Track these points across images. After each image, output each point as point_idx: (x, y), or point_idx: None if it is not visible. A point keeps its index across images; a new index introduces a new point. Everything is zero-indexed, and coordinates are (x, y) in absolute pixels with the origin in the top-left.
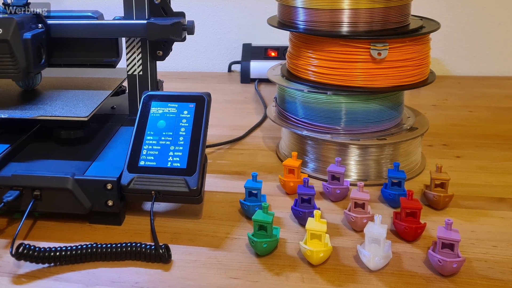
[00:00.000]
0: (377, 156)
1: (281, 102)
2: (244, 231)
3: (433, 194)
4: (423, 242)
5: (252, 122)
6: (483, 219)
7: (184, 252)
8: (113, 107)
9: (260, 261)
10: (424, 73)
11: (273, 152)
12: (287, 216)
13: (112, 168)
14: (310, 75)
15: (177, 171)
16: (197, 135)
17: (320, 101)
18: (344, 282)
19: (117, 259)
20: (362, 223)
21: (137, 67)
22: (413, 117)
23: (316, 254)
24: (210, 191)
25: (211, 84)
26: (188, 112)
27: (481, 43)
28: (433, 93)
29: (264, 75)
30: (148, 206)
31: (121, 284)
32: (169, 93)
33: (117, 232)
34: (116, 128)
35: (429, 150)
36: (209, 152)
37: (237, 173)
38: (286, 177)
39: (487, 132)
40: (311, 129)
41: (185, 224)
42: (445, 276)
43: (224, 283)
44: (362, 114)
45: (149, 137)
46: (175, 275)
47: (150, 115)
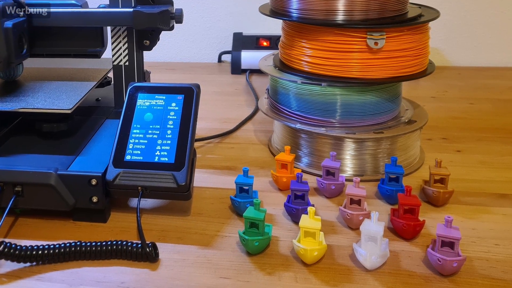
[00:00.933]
0: (373, 150)
1: (274, 94)
2: (234, 228)
3: (433, 190)
4: (422, 240)
5: (243, 115)
6: (485, 216)
7: (172, 250)
8: (98, 99)
9: (251, 260)
10: (423, 63)
11: (265, 146)
12: (279, 213)
13: (96, 163)
14: (303, 66)
15: (165, 166)
16: (186, 128)
17: (314, 93)
18: (339, 282)
19: (102, 258)
20: (358, 220)
21: (123, 57)
22: (412, 109)
23: (310, 252)
24: (199, 187)
25: (200, 75)
26: (176, 104)
27: (483, 32)
28: (432, 85)
29: (255, 65)
30: (134, 202)
31: (106, 284)
32: (156, 84)
33: (102, 230)
34: (101, 121)
35: (428, 144)
36: (198, 146)
37: (227, 168)
38: (279, 172)
39: (488, 125)
40: (305, 122)
41: (173, 221)
42: (445, 276)
43: (214, 283)
44: (358, 106)
45: (135, 131)
46: (163, 275)
47: (137, 108)
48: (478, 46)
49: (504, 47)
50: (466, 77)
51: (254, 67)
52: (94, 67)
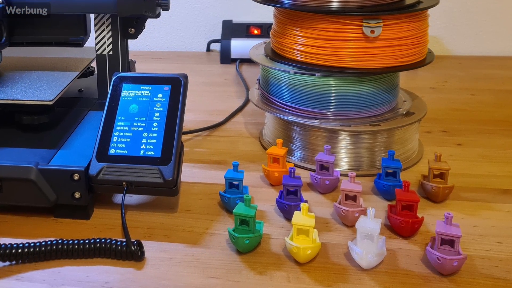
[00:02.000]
0: (370, 144)
1: (265, 85)
2: (224, 226)
3: (432, 186)
4: (420, 238)
5: (233, 107)
6: (487, 213)
7: (158, 249)
8: (81, 90)
9: (241, 258)
10: (421, 52)
11: (256, 139)
12: (271, 209)
13: (79, 157)
14: (296, 55)
15: (151, 160)
16: (173, 120)
17: (307, 84)
18: (333, 282)
19: (85, 257)
20: (353, 217)
21: (106, 46)
22: (410, 101)
23: (303, 251)
24: (187, 182)
25: (188, 65)
26: (163, 95)
27: (485, 20)
28: (431, 75)
29: (246, 55)
30: (119, 198)
31: (89, 284)
32: (142, 74)
33: (85, 227)
34: (84, 113)
35: (427, 137)
36: (185, 139)
37: (216, 162)
38: (270, 167)
39: (490, 117)
40: (298, 114)
41: (160, 218)
42: (444, 275)
43: (202, 283)
44: (353, 97)
45: (120, 123)
46: (149, 274)
47: (121, 99)
48: (479, 34)
49: (507, 35)
50: (467, 66)
51: (245, 56)
52: (77, 56)
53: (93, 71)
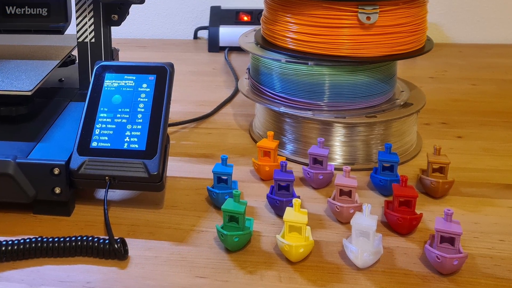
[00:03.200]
0: (365, 136)
1: (255, 74)
2: (212, 222)
3: (431, 180)
4: (419, 236)
5: (221, 97)
6: (488, 209)
7: (143, 247)
8: (61, 80)
9: (230, 257)
10: (420, 40)
11: (246, 132)
12: (262, 205)
13: (59, 150)
14: (288, 43)
15: (135, 154)
16: (158, 112)
17: (300, 73)
18: (327, 282)
19: (66, 256)
20: (348, 213)
21: (88, 34)
22: (408, 91)
23: (295, 249)
24: (173, 177)
25: (174, 53)
26: (148, 85)
27: (486, 6)
28: (430, 64)
29: (235, 42)
30: (101, 194)
31: (70, 284)
32: (125, 63)
33: (65, 224)
34: (65, 103)
35: (426, 129)
36: (171, 131)
37: (204, 156)
38: (261, 161)
39: (492, 109)
40: (290, 105)
41: (144, 214)
42: (444, 275)
43: (189, 283)
44: (348, 87)
45: (102, 115)
46: (133, 274)
47: (104, 89)
48: (481, 21)
49: (510, 22)
50: (467, 55)
51: (234, 44)
52: (57, 44)
53: (74, 59)
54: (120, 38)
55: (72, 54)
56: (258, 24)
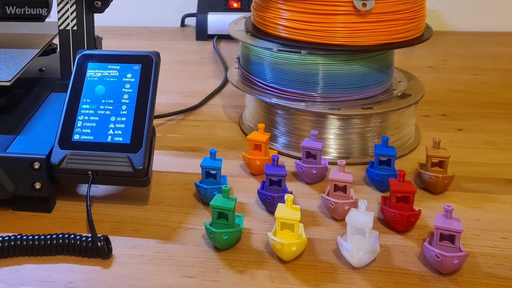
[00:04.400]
0: (361, 129)
1: (246, 64)
2: (200, 219)
3: (430, 175)
4: (417, 233)
5: (210, 88)
6: (491, 205)
7: (127, 245)
8: (42, 70)
9: (219, 256)
10: (418, 28)
11: (236, 124)
12: (252, 201)
13: (40, 144)
14: (280, 31)
15: (119, 147)
16: (144, 103)
17: (292, 62)
18: (321, 282)
19: (47, 254)
20: (343, 210)
21: (70, 21)
22: (406, 81)
23: (287, 247)
24: (159, 171)
25: (161, 42)
26: (133, 75)
27: None
28: (429, 53)
29: (224, 30)
30: (84, 189)
31: (51, 284)
32: (109, 52)
33: (46, 221)
34: (45, 94)
35: (424, 122)
36: (157, 124)
37: (192, 150)
38: (252, 154)
39: (495, 100)
40: (282, 96)
41: (129, 211)
42: (444, 274)
43: (176, 283)
44: (343, 78)
45: (85, 106)
46: (117, 273)
47: (86, 79)
48: (482, 8)
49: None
50: (468, 43)
51: (223, 32)
52: (37, 32)
53: (56, 48)
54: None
55: (53, 42)
56: (249, 11)
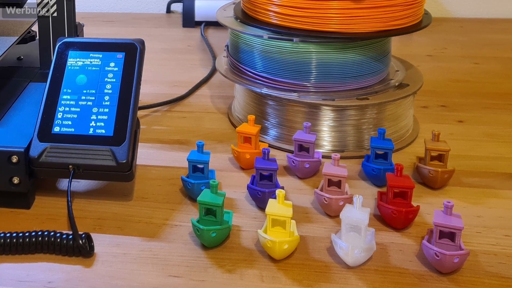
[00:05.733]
0: (357, 121)
1: (235, 52)
2: (187, 216)
3: (429, 169)
4: (415, 231)
5: (197, 77)
6: (493, 201)
7: (110, 243)
8: (20, 58)
9: (207, 254)
10: (416, 14)
11: (224, 116)
12: (242, 197)
13: (18, 136)
14: (271, 17)
15: (102, 140)
16: (127, 94)
17: (284, 51)
18: (314, 282)
19: (25, 252)
20: (337, 206)
21: (50, 7)
22: (403, 70)
23: (278, 245)
24: (144, 165)
25: (145, 29)
26: (116, 64)
27: None
28: (428, 40)
29: (212, 17)
30: (64, 184)
31: (30, 284)
32: (91, 40)
33: (25, 218)
34: (24, 84)
35: (423, 113)
36: (142, 115)
37: (178, 142)
38: (241, 148)
39: (497, 90)
40: (273, 86)
41: (112, 207)
42: (443, 274)
43: (162, 283)
44: (337, 67)
45: (65, 96)
46: (99, 272)
47: (67, 68)
48: None
49: None
50: (469, 31)
51: (211, 19)
52: (15, 19)
53: (35, 36)
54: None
55: (32, 29)
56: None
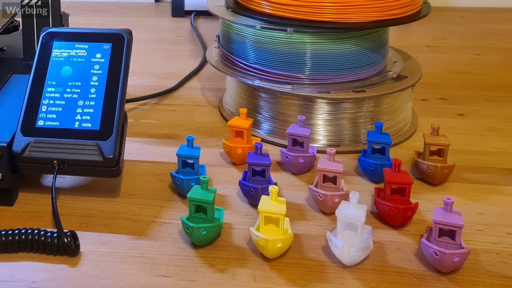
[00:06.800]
0: (353, 114)
1: (226, 43)
2: (176, 213)
3: (428, 165)
4: (414, 228)
5: (187, 69)
6: (494, 198)
7: (97, 241)
8: (2, 49)
9: (197, 253)
10: (415, 3)
11: (215, 109)
12: (233, 193)
13: (0, 130)
14: (264, 7)
15: (88, 134)
16: (114, 86)
17: (277, 41)
18: (309, 282)
19: (8, 251)
20: (333, 202)
21: None
22: (401, 62)
23: (272, 244)
24: (132, 161)
25: (133, 18)
26: (102, 55)
27: None
28: (427, 30)
29: (203, 6)
30: (49, 180)
31: (13, 284)
32: (76, 30)
33: (7, 215)
34: (6, 76)
35: (422, 106)
36: (129, 108)
37: (167, 137)
38: (233, 142)
39: (499, 82)
40: (266, 78)
41: (99, 204)
42: (443, 273)
43: (150, 283)
44: (333, 58)
45: (50, 89)
46: (85, 272)
47: (52, 60)
48: None
49: None
50: (470, 20)
51: (201, 8)
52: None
53: (18, 25)
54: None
55: (14, 19)
56: None
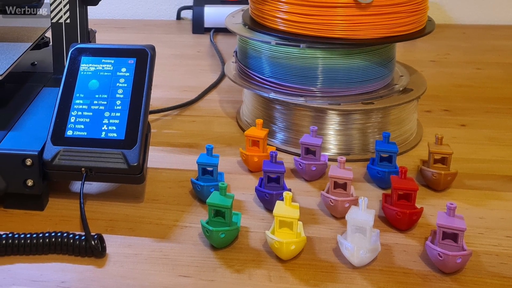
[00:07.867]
0: (362, 125)
1: (243, 58)
2: (196, 217)
3: (432, 172)
4: (419, 232)
5: (206, 82)
6: (494, 203)
7: (122, 243)
8: (34, 64)
9: (216, 255)
10: (420, 21)
11: (233, 120)
12: (250, 199)
13: (32, 140)
14: (278, 24)
15: (114, 143)
16: (138, 98)
17: (291, 56)
18: (321, 282)
19: (39, 253)
20: (343, 207)
21: (63, 14)
22: (407, 76)
23: (286, 246)
24: (155, 168)
25: (156, 35)
26: (127, 69)
27: None
28: (431, 46)
29: (221, 23)
30: (77, 186)
31: (43, 283)
32: (103, 46)
33: (38, 219)
34: (38, 89)
35: (427, 117)
36: (153, 119)
37: (188, 146)
38: (249, 151)
39: (498, 95)
40: (280, 91)
41: (124, 209)
42: (446, 274)
43: (172, 283)
44: (343, 72)
45: (78, 101)
46: (111, 272)
47: (80, 74)
48: (486, 0)
49: None
50: (472, 37)
51: (220, 25)
52: (29, 26)
53: (48, 42)
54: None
55: (45, 36)
56: (246, 4)
